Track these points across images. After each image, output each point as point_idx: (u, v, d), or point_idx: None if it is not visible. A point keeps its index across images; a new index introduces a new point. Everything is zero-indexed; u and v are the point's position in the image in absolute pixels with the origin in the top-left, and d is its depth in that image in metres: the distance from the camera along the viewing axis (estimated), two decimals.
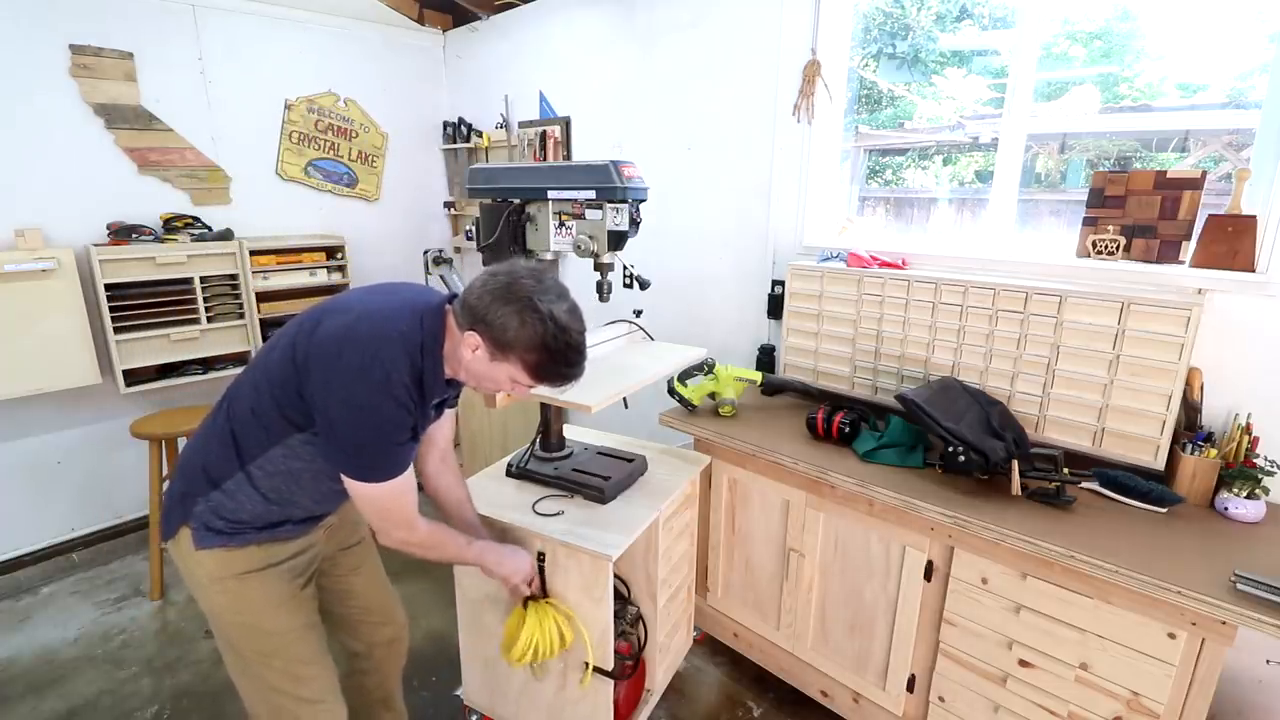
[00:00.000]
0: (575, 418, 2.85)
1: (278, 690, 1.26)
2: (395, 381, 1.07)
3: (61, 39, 2.51)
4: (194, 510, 1.17)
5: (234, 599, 1.21)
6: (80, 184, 2.61)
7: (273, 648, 1.25)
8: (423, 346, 1.12)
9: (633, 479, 1.72)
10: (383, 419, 1.08)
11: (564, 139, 3.11)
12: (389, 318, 1.11)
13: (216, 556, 1.18)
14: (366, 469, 1.12)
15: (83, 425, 2.77)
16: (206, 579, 1.19)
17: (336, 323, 1.10)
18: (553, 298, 1.11)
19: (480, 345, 1.11)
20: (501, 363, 1.12)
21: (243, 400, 1.17)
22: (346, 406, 1.06)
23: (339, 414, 1.07)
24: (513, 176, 1.60)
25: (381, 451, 1.11)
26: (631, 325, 1.91)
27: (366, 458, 1.11)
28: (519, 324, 1.08)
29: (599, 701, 1.58)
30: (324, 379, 1.07)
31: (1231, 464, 1.46)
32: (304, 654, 1.28)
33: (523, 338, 1.08)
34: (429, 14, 3.57)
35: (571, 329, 1.12)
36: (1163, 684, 1.26)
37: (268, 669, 1.25)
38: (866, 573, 1.71)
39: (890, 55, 2.32)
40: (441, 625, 2.38)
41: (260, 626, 1.23)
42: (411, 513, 1.20)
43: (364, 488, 1.13)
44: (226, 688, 2.10)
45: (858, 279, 1.97)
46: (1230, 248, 1.52)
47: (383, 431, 1.09)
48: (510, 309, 1.08)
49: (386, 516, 1.19)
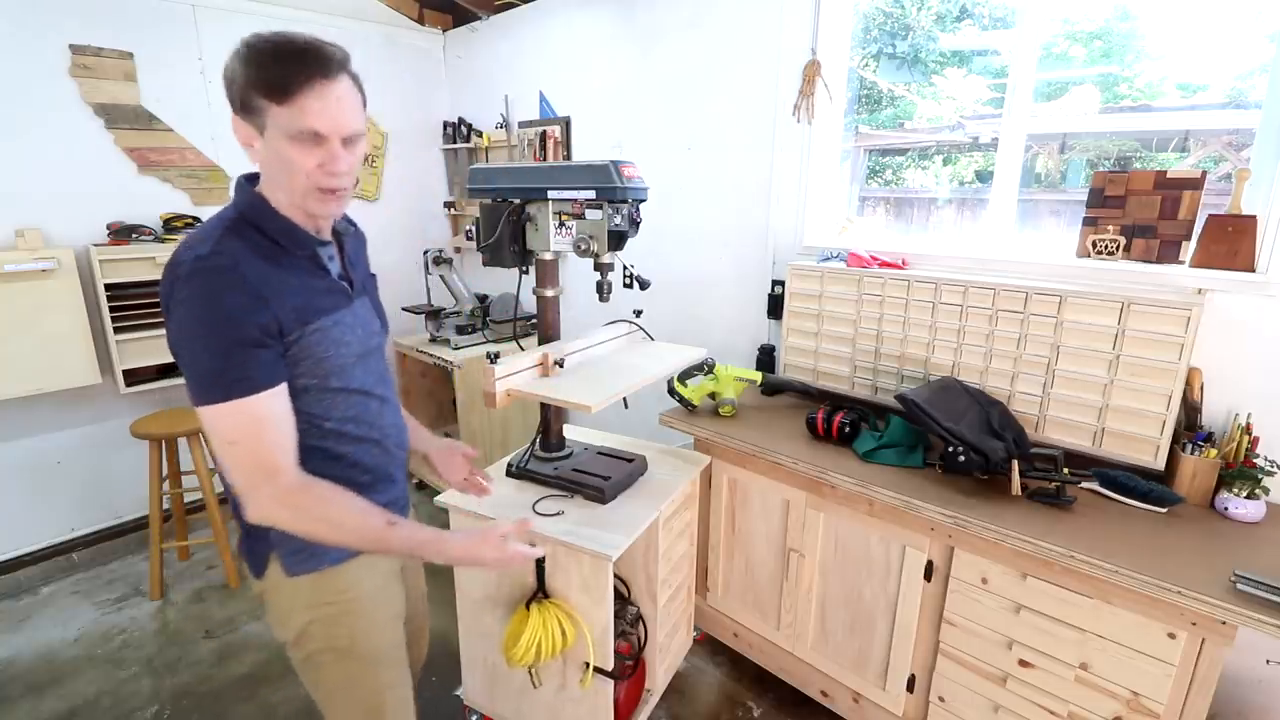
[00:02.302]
0: (575, 418, 2.85)
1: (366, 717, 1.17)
2: (223, 265, 0.90)
3: (61, 39, 2.51)
4: (270, 535, 1.04)
5: (329, 626, 1.10)
6: (80, 184, 2.61)
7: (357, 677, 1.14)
8: (245, 215, 0.98)
9: (633, 479, 1.72)
10: (214, 312, 0.89)
11: (564, 139, 3.11)
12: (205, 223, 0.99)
13: (314, 582, 1.07)
14: (201, 383, 0.90)
15: (83, 425, 2.77)
16: (304, 608, 1.08)
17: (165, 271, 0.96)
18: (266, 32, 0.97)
19: (247, 131, 0.95)
20: (264, 125, 0.93)
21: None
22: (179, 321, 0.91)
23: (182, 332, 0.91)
24: (513, 176, 1.60)
25: (218, 354, 0.89)
26: (631, 325, 1.91)
27: (200, 367, 0.90)
28: (231, 61, 0.95)
29: (599, 701, 1.58)
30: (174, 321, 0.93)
31: (1231, 464, 1.46)
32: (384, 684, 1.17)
33: (239, 67, 0.94)
34: (429, 14, 3.57)
35: (287, 34, 0.97)
36: (1163, 684, 1.26)
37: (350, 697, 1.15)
38: (866, 573, 1.71)
39: (890, 55, 2.32)
40: (441, 625, 2.37)
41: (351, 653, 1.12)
42: (275, 457, 0.93)
43: (206, 413, 0.90)
44: (226, 688, 2.11)
45: (858, 279, 1.97)
46: (1230, 248, 1.52)
47: (215, 327, 0.89)
48: (230, 60, 0.96)
49: (238, 460, 0.92)
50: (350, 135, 0.98)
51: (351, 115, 0.98)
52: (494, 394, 1.43)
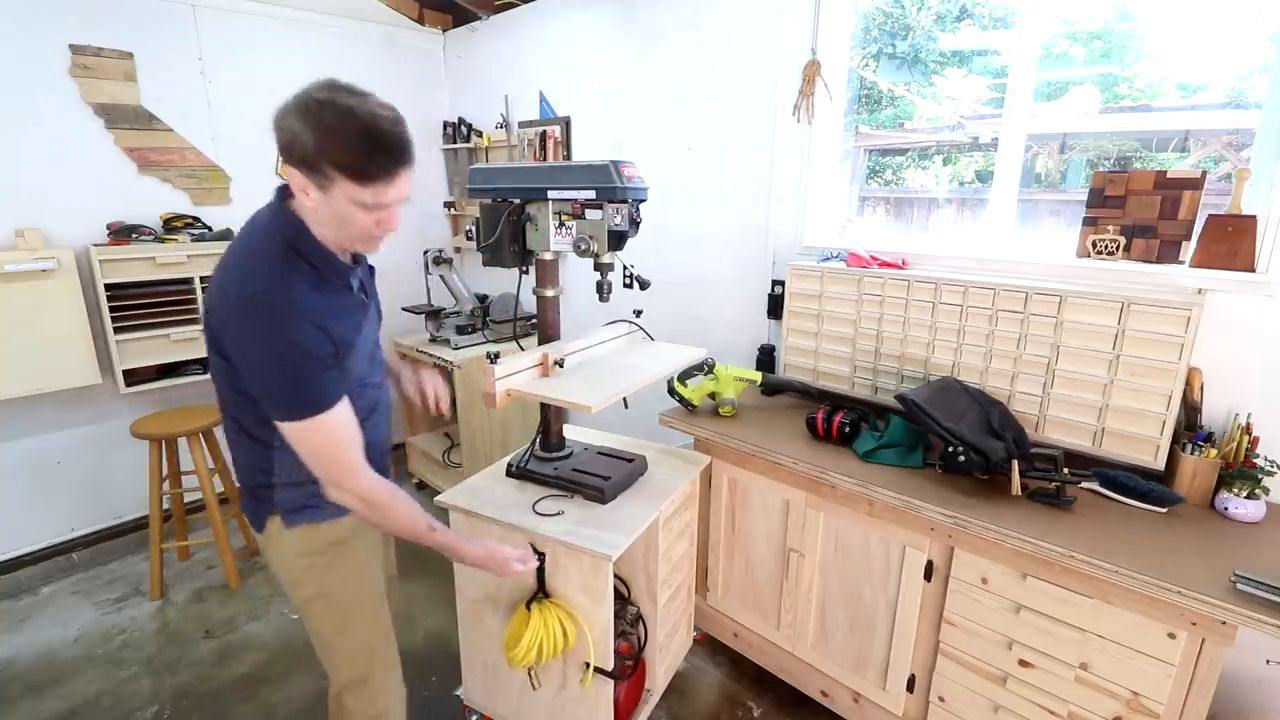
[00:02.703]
0: (575, 418, 2.85)
1: (355, 658, 1.33)
2: (279, 299, 1.01)
3: (61, 39, 2.51)
4: (275, 498, 1.20)
5: (321, 573, 1.25)
6: (80, 184, 2.61)
7: (349, 618, 1.30)
8: (289, 240, 1.06)
9: (633, 479, 1.72)
10: (285, 344, 1.01)
11: (564, 139, 3.11)
12: (244, 245, 1.07)
13: (306, 532, 1.22)
14: (287, 404, 1.04)
15: (83, 425, 2.77)
16: (294, 556, 1.24)
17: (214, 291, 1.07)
18: (344, 91, 1.00)
19: (304, 182, 1.00)
20: (329, 188, 1.00)
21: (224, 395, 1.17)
22: (250, 349, 1.02)
23: (249, 361, 1.03)
24: (513, 176, 1.60)
25: (298, 380, 1.03)
26: (631, 325, 1.91)
27: (283, 391, 1.04)
28: (306, 126, 0.96)
29: (599, 701, 1.58)
30: (231, 345, 1.04)
31: (1231, 464, 1.46)
32: (377, 626, 1.35)
33: (322, 138, 0.96)
34: (429, 14, 3.57)
35: (373, 113, 0.99)
36: (1163, 684, 1.26)
37: (346, 638, 1.31)
38: (866, 573, 1.71)
39: (890, 55, 2.32)
40: (441, 625, 2.38)
41: (342, 597, 1.28)
42: (351, 456, 1.10)
43: (292, 427, 1.06)
44: (226, 688, 2.11)
45: (858, 279, 1.97)
46: (1230, 248, 1.52)
47: (290, 358, 1.02)
48: (298, 117, 0.97)
49: (323, 460, 1.09)
50: (406, 198, 1.09)
51: (410, 186, 1.08)
52: (494, 394, 1.43)
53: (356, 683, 1.35)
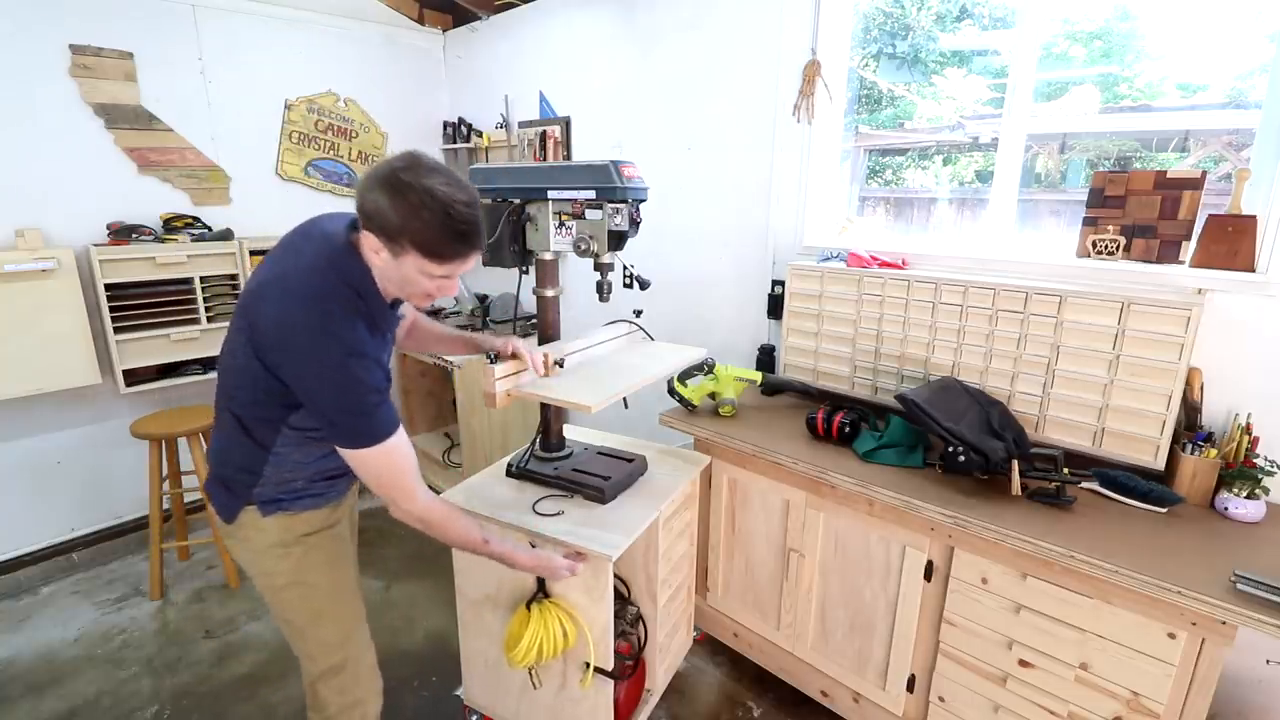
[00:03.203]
0: (575, 418, 2.85)
1: (336, 647, 1.36)
2: (348, 339, 1.08)
3: (61, 39, 2.51)
4: (252, 492, 1.25)
5: (294, 562, 1.29)
6: (80, 184, 2.61)
7: (324, 607, 1.34)
8: (355, 286, 1.12)
9: (633, 479, 1.72)
10: (353, 380, 1.08)
11: (564, 139, 3.11)
12: (314, 277, 1.10)
13: (281, 522, 1.26)
14: (355, 435, 1.12)
15: (83, 425, 2.77)
16: (266, 545, 1.27)
17: (274, 310, 1.09)
18: (425, 171, 1.06)
19: (379, 245, 1.08)
20: (402, 256, 1.08)
21: (240, 395, 1.20)
22: (318, 381, 1.08)
23: (314, 390, 1.09)
24: (513, 176, 1.60)
25: (363, 413, 1.10)
26: (631, 325, 1.91)
27: (351, 423, 1.11)
28: (394, 204, 1.04)
29: (599, 701, 1.58)
30: (291, 368, 1.09)
31: (1231, 464, 1.46)
32: (350, 615, 1.39)
33: (403, 217, 1.04)
34: (429, 14, 3.57)
35: (451, 197, 1.05)
36: (1163, 684, 1.26)
37: (320, 629, 1.34)
38: (866, 573, 1.71)
39: (890, 55, 2.32)
40: (441, 625, 2.38)
41: (315, 585, 1.32)
42: (409, 480, 1.18)
43: (357, 455, 1.13)
44: (226, 688, 2.11)
45: (858, 279, 1.97)
46: (1230, 248, 1.52)
47: (358, 393, 1.09)
48: (383, 193, 1.05)
49: (385, 483, 1.17)
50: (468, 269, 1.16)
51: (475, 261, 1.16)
52: (494, 394, 1.43)
53: (331, 671, 1.37)
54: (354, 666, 1.39)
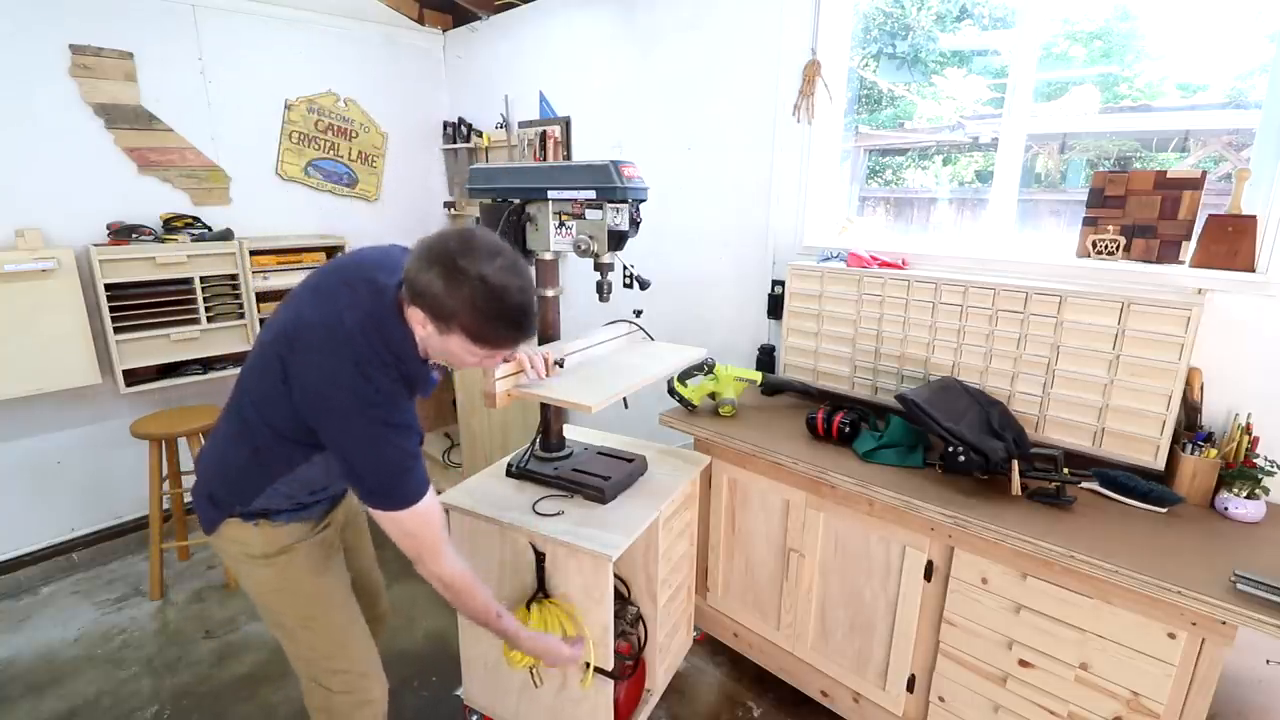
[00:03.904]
0: (575, 418, 2.85)
1: (325, 656, 1.36)
2: (388, 408, 1.09)
3: (61, 39, 2.51)
4: (236, 508, 1.25)
5: (279, 571, 1.29)
6: (80, 184, 2.61)
7: (313, 612, 1.34)
8: (396, 351, 1.11)
9: (633, 479, 1.72)
10: (391, 447, 1.09)
11: (564, 139, 3.11)
12: (359, 340, 1.08)
13: (264, 533, 1.26)
14: (388, 499, 1.12)
15: (83, 425, 2.77)
16: (249, 555, 1.27)
17: (317, 367, 1.07)
18: (482, 256, 1.03)
19: (426, 320, 1.08)
20: (449, 335, 1.07)
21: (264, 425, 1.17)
22: (356, 445, 1.09)
23: (351, 453, 1.09)
24: (513, 176, 1.60)
25: (398, 477, 1.11)
26: (631, 325, 1.91)
27: (386, 488, 1.12)
28: (447, 290, 1.02)
29: (599, 701, 1.58)
30: (331, 429, 1.09)
31: (1231, 464, 1.46)
32: (342, 620, 1.37)
33: (455, 304, 1.03)
34: (429, 14, 3.57)
35: (505, 286, 1.04)
36: (1163, 684, 1.26)
37: (312, 634, 1.34)
38: (866, 573, 1.71)
39: (890, 55, 2.32)
40: (441, 625, 2.38)
41: (302, 591, 1.32)
42: (438, 541, 1.18)
43: (389, 517, 1.13)
44: (226, 688, 2.11)
45: (858, 279, 1.97)
46: (1230, 248, 1.52)
47: (395, 460, 1.10)
48: (437, 275, 1.03)
49: (414, 544, 1.17)
50: None
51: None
52: (494, 394, 1.43)
53: (328, 674, 1.37)
54: (351, 665, 1.38)
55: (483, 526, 1.60)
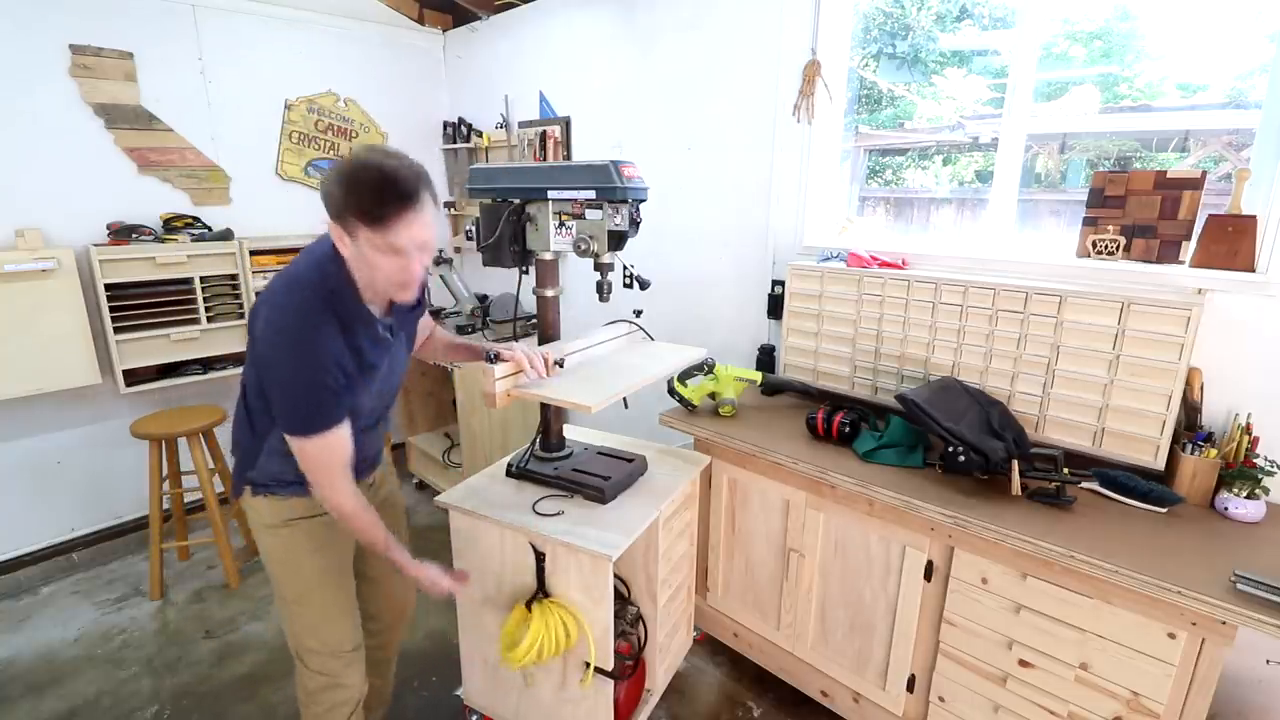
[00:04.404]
0: (575, 418, 2.85)
1: (308, 633, 1.42)
2: (310, 337, 1.16)
3: (61, 39, 2.51)
4: (248, 475, 1.36)
5: (283, 542, 1.39)
6: (80, 184, 2.61)
7: (306, 591, 1.41)
8: (332, 294, 1.19)
9: (633, 479, 1.72)
10: (306, 372, 1.16)
11: (564, 139, 3.11)
12: (294, 278, 1.20)
13: (271, 504, 1.37)
14: (297, 422, 1.19)
15: (83, 425, 2.77)
16: (262, 524, 1.38)
17: (260, 309, 1.20)
18: (363, 150, 1.14)
19: (339, 232, 1.15)
20: (356, 235, 1.13)
21: (251, 391, 1.30)
22: (274, 372, 1.18)
23: (271, 380, 1.19)
24: (513, 176, 1.60)
25: (309, 405, 1.18)
26: (631, 325, 1.91)
27: (298, 411, 1.19)
28: (337, 186, 1.11)
29: (599, 701, 1.58)
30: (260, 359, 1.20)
31: (1231, 464, 1.46)
32: (329, 601, 1.43)
33: (341, 192, 1.11)
34: (429, 14, 3.57)
35: (376, 162, 1.11)
36: (1163, 684, 1.26)
37: (302, 610, 1.41)
38: (866, 573, 1.71)
39: (890, 55, 2.32)
40: (441, 625, 2.38)
41: (300, 568, 1.40)
42: (335, 473, 1.24)
43: (295, 441, 1.21)
44: (226, 688, 2.11)
45: (858, 279, 1.97)
46: (1230, 248, 1.52)
47: (307, 386, 1.17)
48: (331, 182, 1.13)
49: (313, 469, 1.24)
50: (423, 245, 1.19)
51: (427, 231, 1.19)
52: (494, 394, 1.43)
53: (308, 651, 1.44)
54: (325, 646, 1.44)
55: (483, 526, 1.60)
